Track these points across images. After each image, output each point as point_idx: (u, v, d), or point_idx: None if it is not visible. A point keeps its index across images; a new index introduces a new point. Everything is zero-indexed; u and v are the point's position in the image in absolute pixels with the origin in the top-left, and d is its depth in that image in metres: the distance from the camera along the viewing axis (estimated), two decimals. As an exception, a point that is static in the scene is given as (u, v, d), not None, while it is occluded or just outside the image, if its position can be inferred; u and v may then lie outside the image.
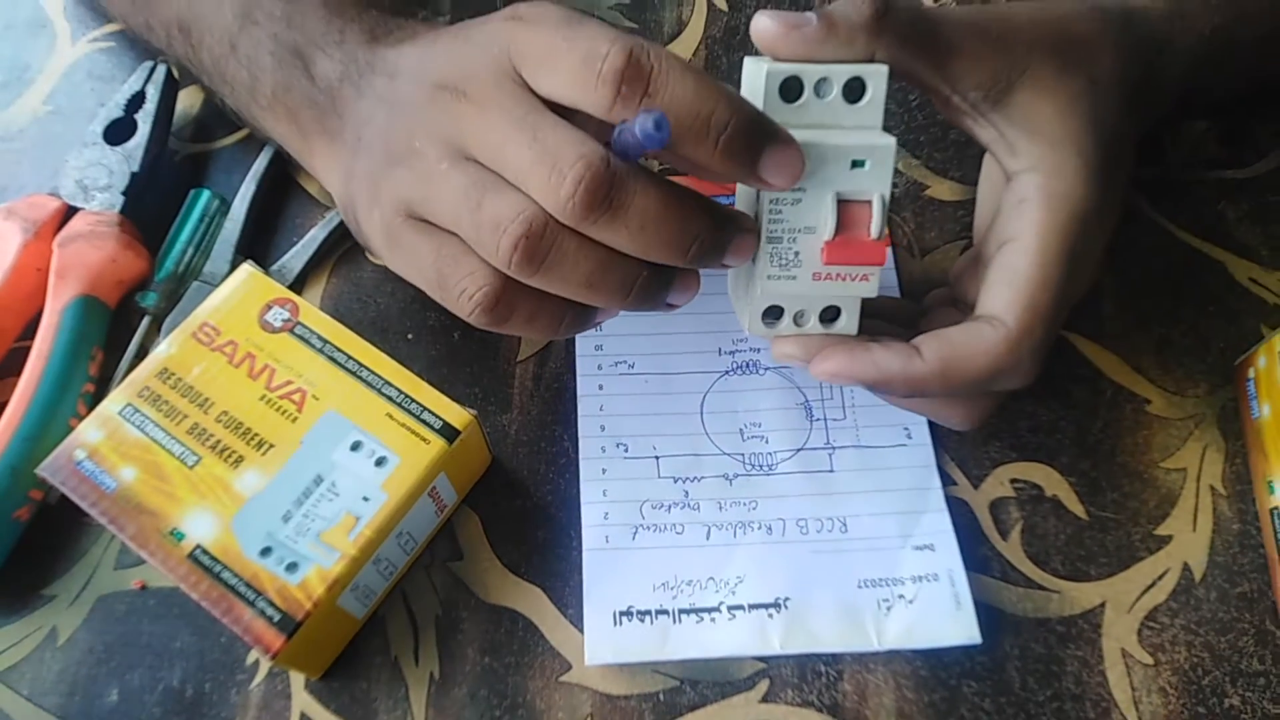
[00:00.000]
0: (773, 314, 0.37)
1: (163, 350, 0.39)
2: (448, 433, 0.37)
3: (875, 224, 0.34)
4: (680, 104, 0.30)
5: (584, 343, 0.45)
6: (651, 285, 0.34)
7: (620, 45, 0.30)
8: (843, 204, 0.34)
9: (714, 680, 0.38)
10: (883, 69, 0.33)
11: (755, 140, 0.31)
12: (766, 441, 0.42)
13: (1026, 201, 0.36)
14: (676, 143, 0.31)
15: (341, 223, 0.47)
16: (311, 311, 0.40)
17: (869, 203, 0.34)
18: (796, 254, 0.35)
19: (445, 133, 0.34)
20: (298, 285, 0.47)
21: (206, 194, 0.47)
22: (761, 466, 0.42)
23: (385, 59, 0.39)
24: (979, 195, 0.42)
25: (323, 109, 0.40)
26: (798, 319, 0.37)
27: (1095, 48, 0.38)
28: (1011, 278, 0.35)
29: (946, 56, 0.36)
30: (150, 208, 0.47)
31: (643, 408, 0.43)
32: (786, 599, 0.39)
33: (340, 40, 0.40)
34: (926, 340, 0.36)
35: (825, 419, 0.43)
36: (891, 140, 0.33)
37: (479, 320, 0.34)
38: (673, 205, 0.31)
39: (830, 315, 0.36)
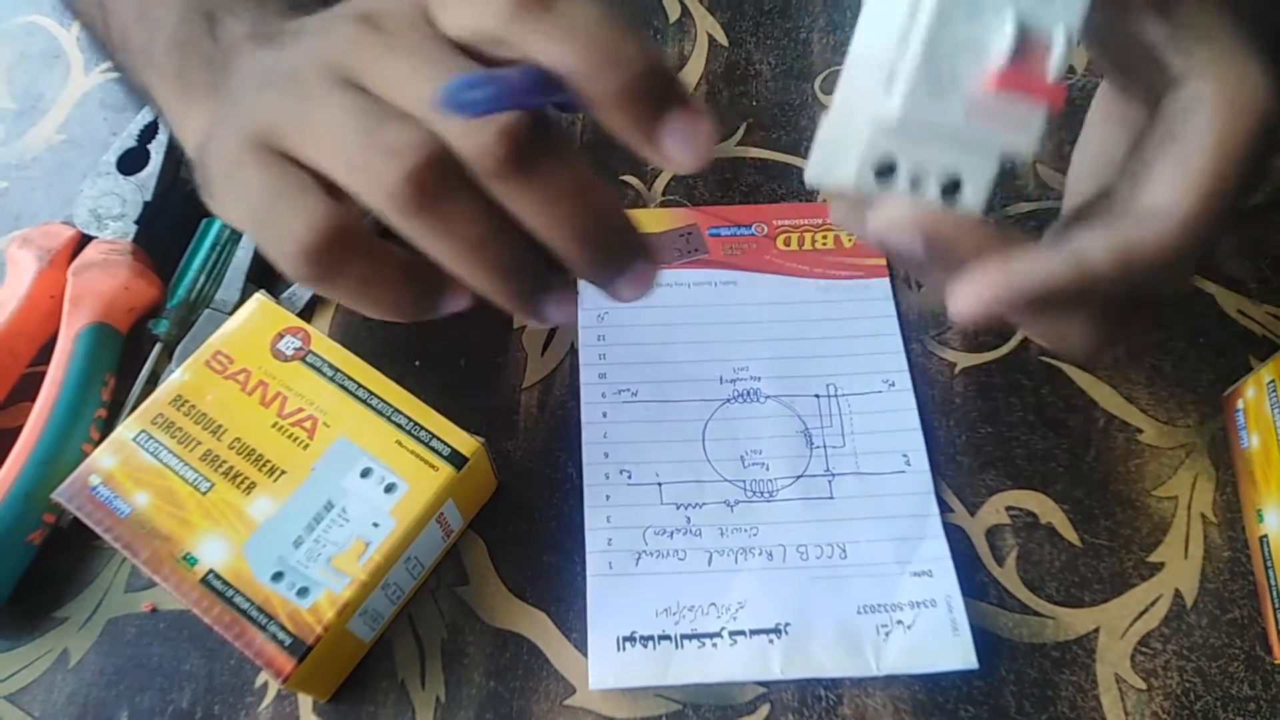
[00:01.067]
0: (886, 170, 0.29)
1: (177, 378, 0.40)
2: (456, 460, 0.38)
3: (1056, 61, 0.28)
4: (582, 34, 0.27)
5: (588, 371, 0.46)
6: (535, 278, 0.30)
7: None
8: (1021, 32, 0.28)
9: (716, 704, 0.39)
10: None
11: (662, 95, 0.27)
12: (767, 468, 0.43)
13: (1201, 104, 0.31)
14: (575, 78, 0.27)
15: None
16: (322, 340, 0.41)
17: (1048, 40, 0.28)
18: (954, 74, 0.28)
19: (337, 58, 0.29)
20: (306, 313, 0.48)
21: (218, 223, 0.48)
22: (762, 493, 0.43)
23: (297, 22, 0.34)
24: (1086, 141, 0.38)
25: (215, 67, 0.37)
26: (914, 182, 0.29)
27: None
28: (1183, 170, 0.30)
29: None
30: (163, 236, 0.48)
31: (646, 435, 0.44)
32: (787, 624, 0.39)
33: (259, 5, 0.37)
34: (1082, 237, 0.30)
35: (825, 446, 0.44)
36: None
37: (300, 267, 0.29)
38: (594, 190, 0.29)
39: (951, 188, 0.30)
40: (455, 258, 0.29)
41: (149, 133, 0.49)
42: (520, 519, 0.43)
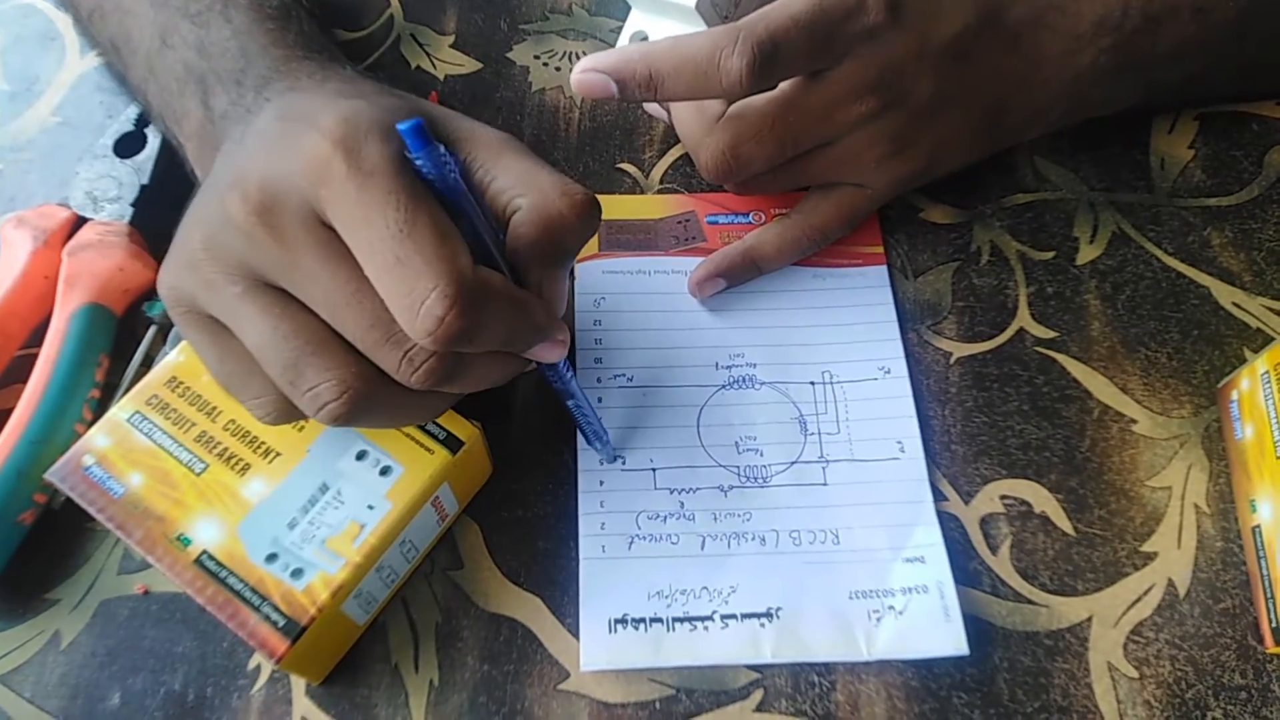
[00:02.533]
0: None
1: (172, 359, 0.40)
2: (452, 444, 0.38)
3: None
4: (497, 336, 0.32)
5: (584, 355, 0.46)
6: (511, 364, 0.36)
7: (442, 294, 0.29)
8: None
9: (709, 689, 0.39)
10: None
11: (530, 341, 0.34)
12: (761, 454, 0.43)
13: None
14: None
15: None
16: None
17: None
18: None
19: (240, 255, 0.32)
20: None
21: (214, 206, 0.48)
22: (756, 479, 0.43)
23: (258, 111, 0.37)
24: None
25: (206, 141, 0.40)
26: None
27: None
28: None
29: None
30: (158, 220, 0.47)
31: (640, 420, 0.44)
32: (778, 609, 0.39)
33: (238, 79, 0.40)
34: None
35: (819, 433, 0.44)
36: None
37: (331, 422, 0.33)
38: (525, 311, 0.33)
39: None
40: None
41: (145, 117, 0.49)
42: (515, 504, 0.43)
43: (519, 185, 0.33)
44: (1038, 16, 0.45)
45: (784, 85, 0.43)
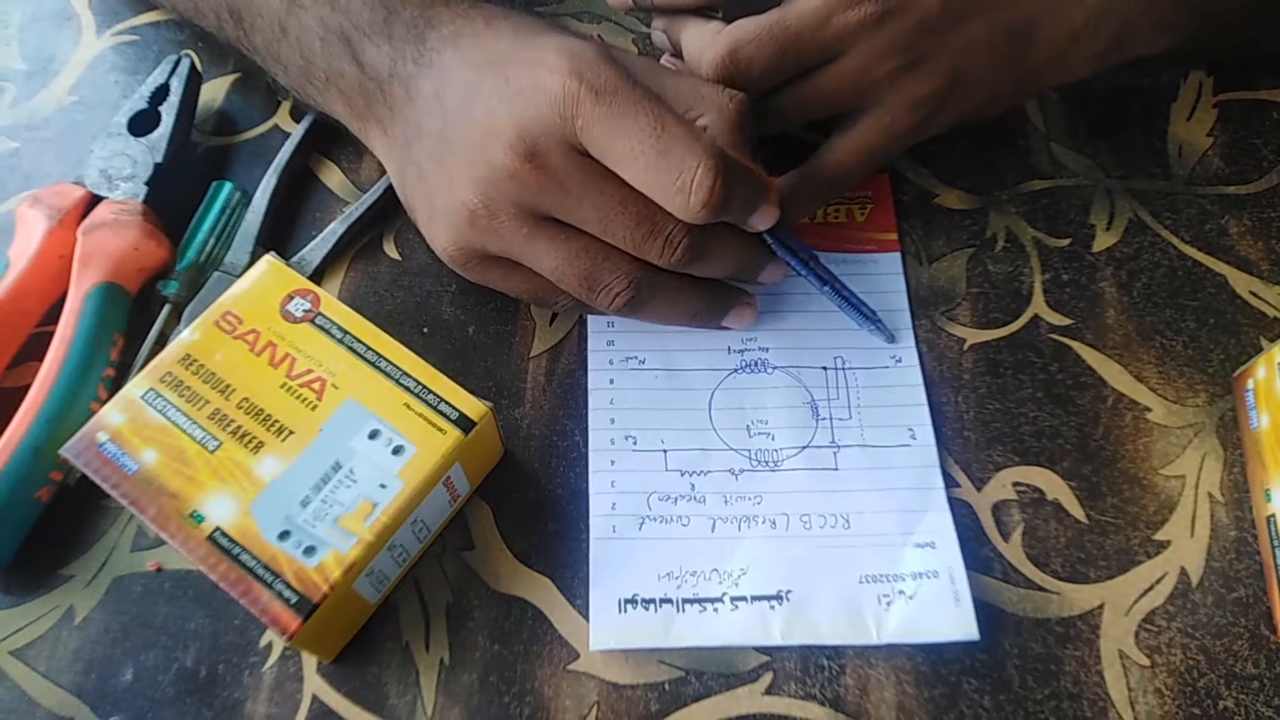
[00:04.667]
0: None
1: (186, 337, 0.40)
2: (464, 423, 0.38)
3: None
4: (743, 208, 0.39)
5: (596, 338, 0.46)
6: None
7: (708, 167, 0.35)
8: None
9: (718, 672, 0.39)
10: None
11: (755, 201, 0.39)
12: (773, 438, 0.43)
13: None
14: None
15: (360, 218, 0.48)
16: (332, 303, 0.41)
17: None
18: None
19: (517, 200, 0.38)
20: (316, 278, 0.48)
21: (229, 186, 0.48)
22: (767, 462, 0.43)
23: (432, 63, 0.40)
24: None
25: (372, 97, 0.42)
26: None
27: None
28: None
29: None
30: (173, 198, 0.48)
31: (652, 402, 0.44)
32: (788, 591, 0.39)
33: (386, 30, 0.41)
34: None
35: (831, 418, 0.44)
36: None
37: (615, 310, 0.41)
38: (744, 241, 0.41)
39: None
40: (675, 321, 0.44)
41: (160, 95, 0.49)
42: (526, 486, 0.43)
43: (690, 100, 0.39)
44: None
45: None
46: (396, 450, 0.38)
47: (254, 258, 0.47)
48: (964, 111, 0.45)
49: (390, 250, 0.49)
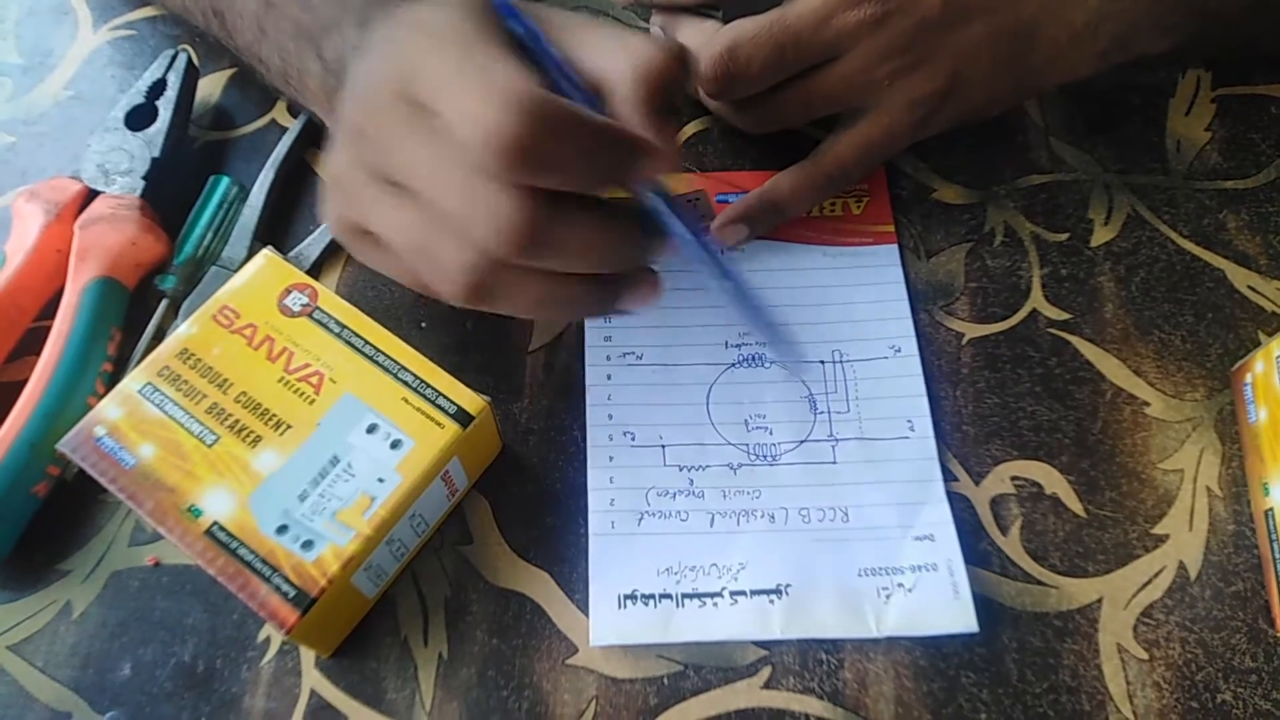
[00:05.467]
0: None
1: (183, 331, 0.40)
2: (462, 418, 0.38)
3: None
4: (582, 166, 0.32)
5: (593, 333, 0.46)
6: (599, 298, 0.36)
7: (496, 106, 0.29)
8: None
9: (717, 665, 0.39)
10: None
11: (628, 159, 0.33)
12: (771, 433, 0.43)
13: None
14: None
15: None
16: (330, 297, 0.40)
17: None
18: None
19: (361, 161, 0.34)
20: (313, 272, 0.48)
21: (226, 180, 0.48)
22: (765, 457, 0.43)
23: (365, 44, 0.37)
24: None
25: (333, 91, 0.40)
26: None
27: None
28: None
29: None
30: (170, 193, 0.48)
31: (650, 398, 0.44)
32: (788, 585, 0.39)
33: (341, 21, 0.40)
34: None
35: (829, 412, 0.44)
36: None
37: (458, 300, 0.34)
38: (605, 226, 0.33)
39: None
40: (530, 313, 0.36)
41: (157, 89, 0.49)
42: (525, 480, 0.43)
43: (609, 51, 0.34)
44: None
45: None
46: (394, 444, 0.38)
47: (251, 252, 0.47)
48: (963, 112, 0.45)
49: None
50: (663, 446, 0.43)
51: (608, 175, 0.33)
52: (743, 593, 0.39)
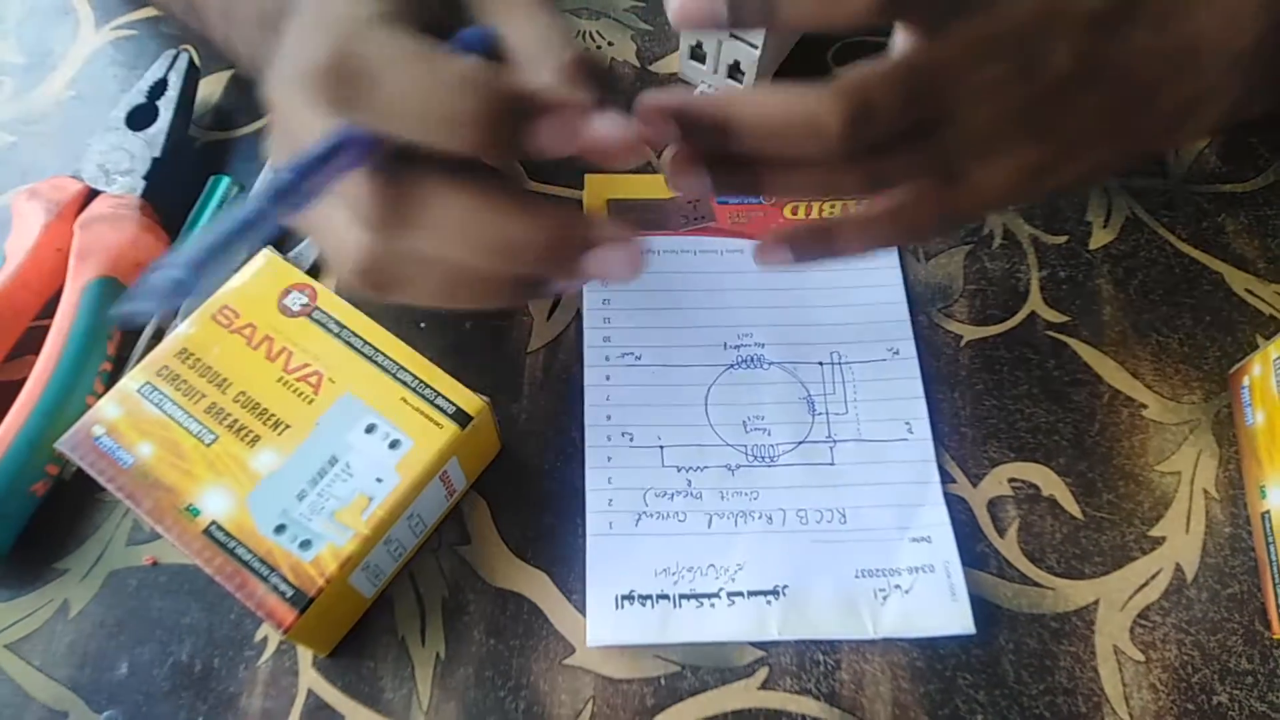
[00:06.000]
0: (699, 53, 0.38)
1: (182, 331, 0.40)
2: (460, 418, 0.38)
3: None
4: (409, 104, 0.28)
5: (592, 334, 0.46)
6: (512, 289, 0.33)
7: (322, 57, 0.28)
8: None
9: (714, 666, 0.39)
10: None
11: (514, 119, 0.28)
12: (769, 434, 0.43)
13: None
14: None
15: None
16: (329, 297, 0.41)
17: None
18: None
19: (279, 141, 0.33)
20: (313, 273, 0.47)
21: (226, 180, 0.48)
22: (763, 458, 0.43)
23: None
24: None
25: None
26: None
27: None
28: None
29: None
30: (171, 193, 0.48)
31: (648, 398, 0.44)
32: (785, 587, 0.39)
33: (297, 5, 0.37)
34: None
35: (827, 413, 0.44)
36: None
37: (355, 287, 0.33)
38: (483, 211, 0.29)
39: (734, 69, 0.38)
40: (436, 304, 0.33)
41: (158, 89, 0.49)
42: (523, 481, 0.43)
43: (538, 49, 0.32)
44: None
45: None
46: (393, 444, 0.38)
47: (251, 252, 0.47)
48: (1070, 182, 0.40)
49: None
50: (661, 447, 0.43)
51: (435, 113, 0.28)
52: (740, 594, 0.39)
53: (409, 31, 0.29)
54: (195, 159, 0.51)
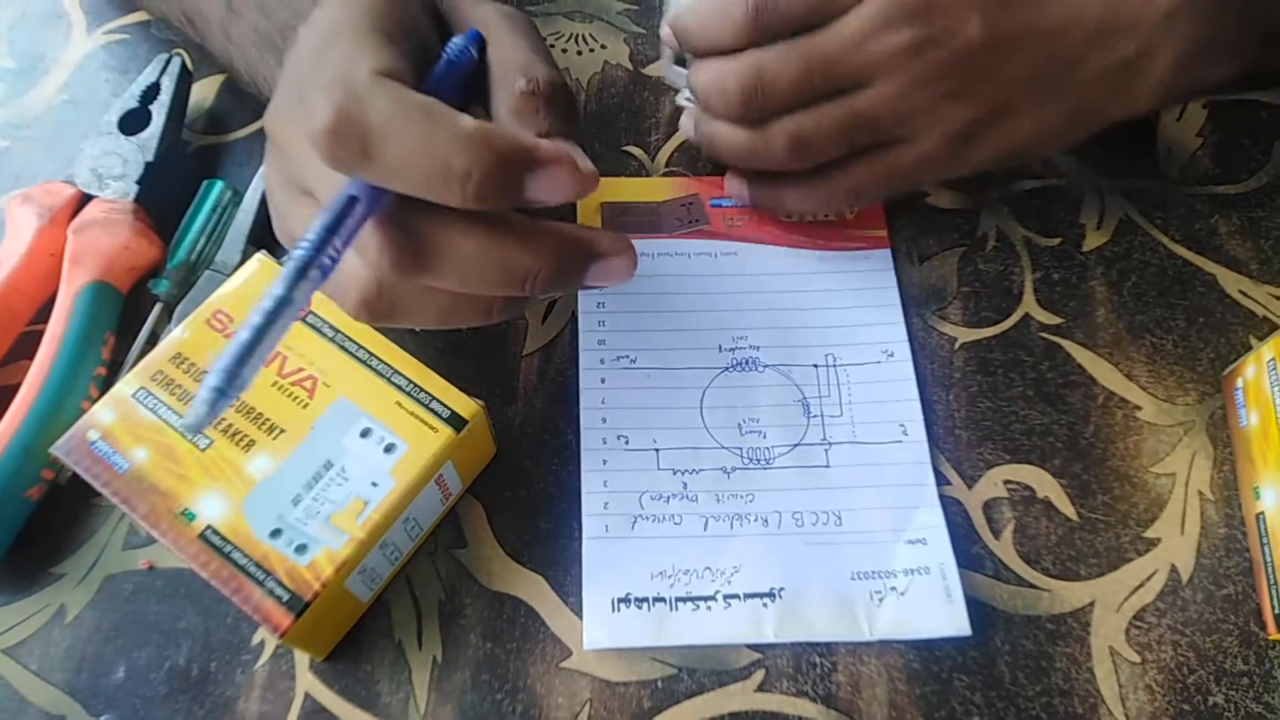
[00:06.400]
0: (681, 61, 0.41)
1: (176, 335, 0.40)
2: (455, 422, 0.38)
3: None
4: (411, 163, 0.29)
5: (587, 337, 0.46)
6: (512, 304, 0.34)
7: (323, 100, 0.28)
8: None
9: (711, 669, 0.39)
10: None
11: (511, 175, 0.29)
12: (764, 436, 0.43)
13: None
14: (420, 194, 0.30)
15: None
16: (323, 302, 0.40)
17: None
18: None
19: (285, 171, 0.35)
20: (308, 276, 0.47)
21: (219, 185, 0.48)
22: (759, 460, 0.43)
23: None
24: None
25: None
26: None
27: None
28: None
29: None
30: (164, 197, 0.48)
31: (644, 401, 0.44)
32: (781, 589, 0.39)
33: (296, 26, 0.38)
34: None
35: (822, 415, 0.44)
36: None
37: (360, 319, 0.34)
38: (493, 249, 0.31)
39: None
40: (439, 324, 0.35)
41: (151, 94, 0.49)
42: (519, 484, 0.43)
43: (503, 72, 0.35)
44: None
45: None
46: (388, 448, 0.38)
47: (245, 257, 0.47)
48: (1010, 146, 0.43)
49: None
50: (656, 450, 0.43)
51: (436, 171, 0.29)
52: (736, 596, 0.39)
53: (406, 84, 0.30)
54: (188, 163, 0.51)
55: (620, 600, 0.39)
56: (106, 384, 0.43)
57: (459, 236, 0.31)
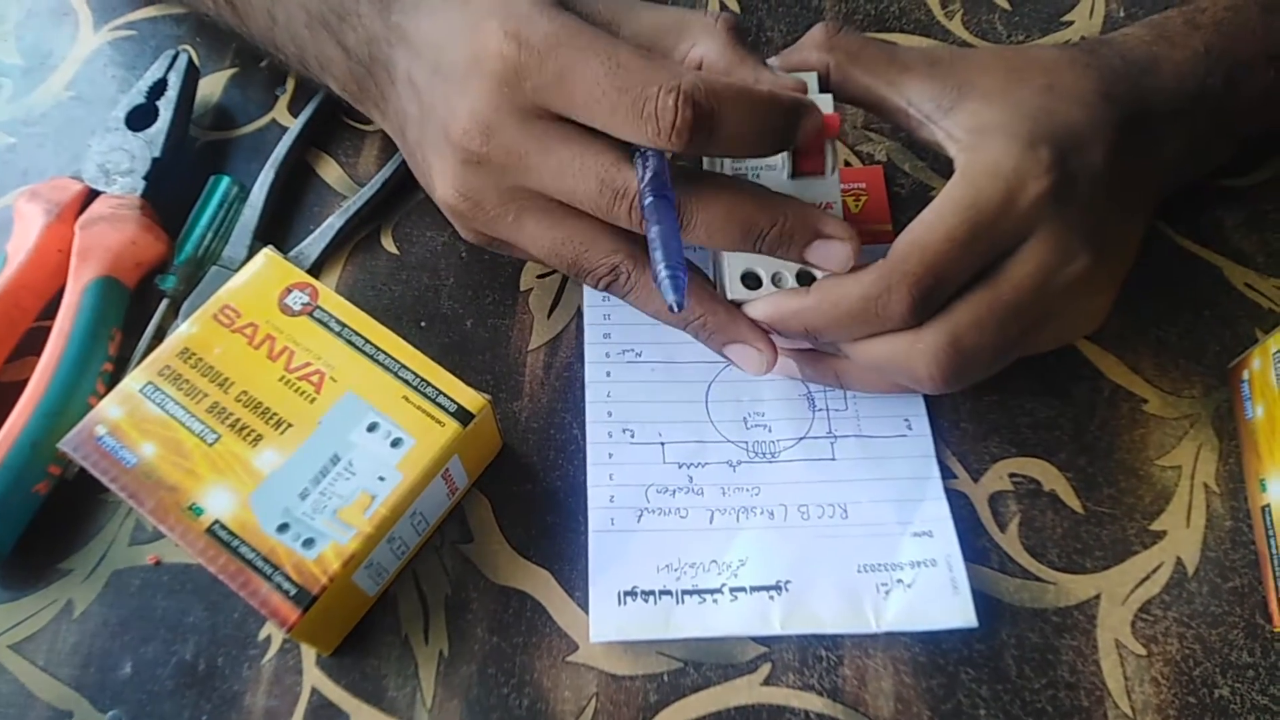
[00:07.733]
0: (750, 279, 0.39)
1: (184, 330, 0.40)
2: (462, 416, 0.38)
3: (829, 159, 0.39)
4: (741, 128, 0.34)
5: (592, 331, 0.46)
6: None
7: (669, 88, 0.32)
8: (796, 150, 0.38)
9: (717, 663, 0.39)
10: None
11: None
12: (770, 430, 0.43)
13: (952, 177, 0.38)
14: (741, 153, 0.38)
15: (358, 212, 0.48)
16: (330, 296, 0.41)
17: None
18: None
19: (493, 185, 0.37)
20: (314, 272, 0.48)
21: (226, 180, 0.48)
22: (764, 454, 0.43)
23: (401, 40, 0.39)
24: None
25: (363, 81, 0.42)
26: (776, 280, 0.39)
27: (1053, 66, 0.39)
28: (909, 226, 0.37)
29: (900, 74, 0.39)
30: (171, 193, 0.48)
31: (649, 395, 0.44)
32: (787, 582, 0.39)
33: (357, 10, 0.40)
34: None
35: (827, 409, 0.44)
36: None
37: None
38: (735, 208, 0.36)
39: (809, 278, 0.39)
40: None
41: (158, 90, 0.49)
42: (525, 479, 0.43)
43: (675, 30, 0.39)
44: (1152, 106, 0.40)
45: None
46: (395, 443, 0.38)
47: (252, 251, 0.47)
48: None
49: (388, 244, 0.49)
50: (662, 444, 0.43)
51: (754, 139, 0.35)
52: (742, 589, 0.39)
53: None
54: (195, 159, 0.51)
55: (626, 593, 0.39)
56: (113, 379, 0.44)
57: (728, 193, 0.36)
